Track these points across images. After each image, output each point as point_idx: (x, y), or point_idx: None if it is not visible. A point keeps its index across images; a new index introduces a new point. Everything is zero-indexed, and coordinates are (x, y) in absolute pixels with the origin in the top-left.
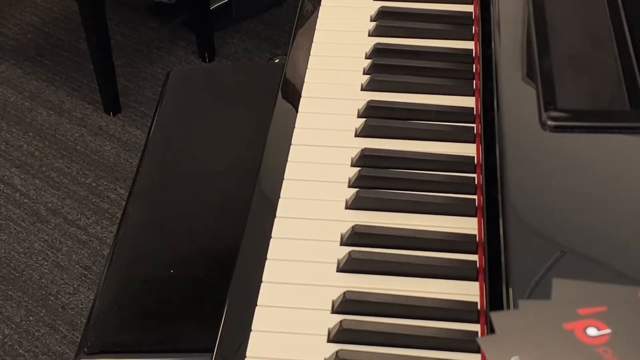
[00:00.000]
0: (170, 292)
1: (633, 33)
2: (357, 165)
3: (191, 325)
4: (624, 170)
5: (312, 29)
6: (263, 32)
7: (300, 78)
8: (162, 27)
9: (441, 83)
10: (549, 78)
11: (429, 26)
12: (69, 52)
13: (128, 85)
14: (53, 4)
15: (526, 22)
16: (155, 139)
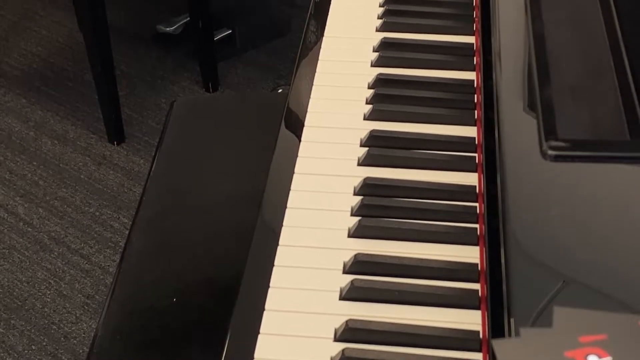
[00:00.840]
0: (173, 321)
1: (632, 64)
2: (360, 194)
3: (194, 354)
4: (624, 199)
5: (315, 60)
6: (267, 62)
7: (303, 107)
8: (166, 58)
9: (443, 113)
10: (549, 108)
11: (431, 57)
12: (74, 82)
13: (132, 114)
14: (58, 34)
15: (527, 52)
16: (159, 167)
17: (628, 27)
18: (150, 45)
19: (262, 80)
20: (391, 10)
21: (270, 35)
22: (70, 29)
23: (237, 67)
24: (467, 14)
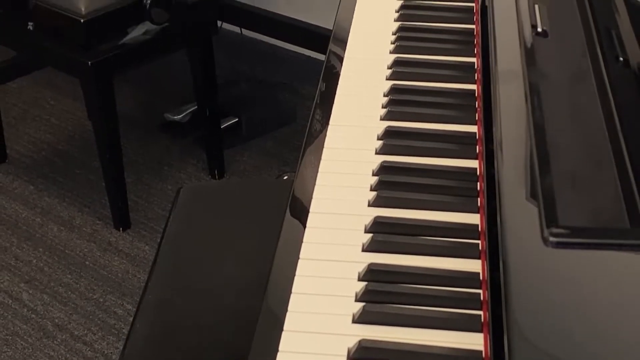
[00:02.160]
0: None
1: (631, 153)
2: (364, 279)
3: None
4: (624, 286)
5: (321, 147)
6: (272, 150)
7: (308, 194)
8: (173, 145)
9: (447, 200)
10: (550, 196)
11: (434, 145)
12: (82, 169)
13: (138, 201)
14: (67, 122)
15: (527, 142)
16: (164, 254)
17: (626, 117)
18: (158, 133)
19: (267, 168)
20: (395, 100)
21: (276, 123)
22: (79, 117)
23: (243, 154)
24: (469, 104)
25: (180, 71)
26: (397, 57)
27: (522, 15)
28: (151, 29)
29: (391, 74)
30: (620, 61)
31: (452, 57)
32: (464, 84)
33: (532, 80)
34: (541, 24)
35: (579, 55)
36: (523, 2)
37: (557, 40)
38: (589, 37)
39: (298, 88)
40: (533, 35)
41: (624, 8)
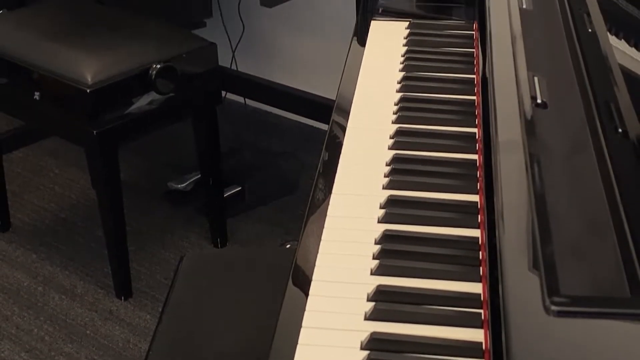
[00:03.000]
0: None
1: (630, 222)
2: (366, 348)
3: None
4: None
5: (324, 216)
6: (275, 218)
7: (311, 262)
8: (176, 214)
9: (449, 269)
10: (551, 265)
11: (437, 214)
12: (84, 237)
13: (140, 270)
14: (71, 191)
15: (528, 211)
16: (166, 323)
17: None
18: (161, 201)
19: (270, 236)
20: (397, 169)
21: (279, 192)
22: (83, 186)
23: (246, 223)
24: (471, 174)
25: (184, 140)
26: (399, 127)
27: (521, 86)
28: (156, 98)
29: (393, 144)
30: (619, 132)
31: (453, 127)
32: (465, 154)
33: (532, 150)
34: (541, 96)
35: (578, 127)
36: (522, 73)
37: (557, 112)
38: (588, 109)
39: (301, 157)
40: (533, 106)
41: (622, 81)
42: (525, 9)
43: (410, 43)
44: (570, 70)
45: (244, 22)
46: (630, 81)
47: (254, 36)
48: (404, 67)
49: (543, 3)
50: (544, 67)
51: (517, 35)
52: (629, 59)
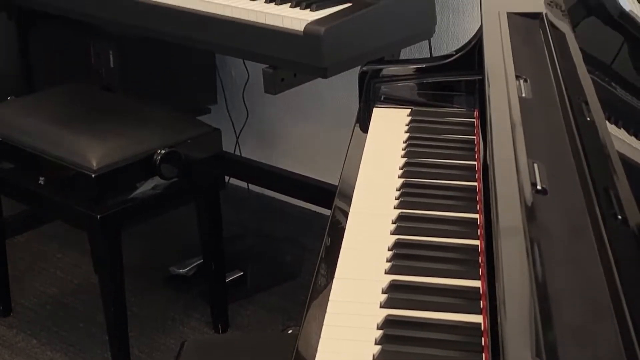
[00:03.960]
0: None
1: (631, 308)
2: None
3: None
4: None
5: (326, 301)
6: (277, 303)
7: (313, 348)
8: (178, 299)
9: (451, 355)
10: (553, 350)
11: (439, 299)
12: (85, 322)
13: (141, 356)
14: (73, 276)
15: (530, 297)
16: None
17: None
18: (163, 286)
19: (272, 322)
20: (399, 254)
21: (281, 277)
22: (85, 271)
23: (248, 308)
24: (472, 259)
25: (186, 224)
26: (401, 212)
27: (521, 173)
28: (160, 183)
29: (395, 229)
30: (619, 219)
31: (455, 213)
32: (467, 239)
33: (532, 236)
34: (541, 182)
35: (578, 213)
36: (522, 160)
37: (557, 198)
38: (587, 196)
39: (303, 243)
40: (533, 192)
41: (621, 169)
42: (524, 98)
43: (412, 130)
44: (570, 158)
45: (248, 108)
46: (629, 169)
47: (258, 122)
48: (406, 153)
49: (542, 92)
50: (543, 154)
51: (516, 123)
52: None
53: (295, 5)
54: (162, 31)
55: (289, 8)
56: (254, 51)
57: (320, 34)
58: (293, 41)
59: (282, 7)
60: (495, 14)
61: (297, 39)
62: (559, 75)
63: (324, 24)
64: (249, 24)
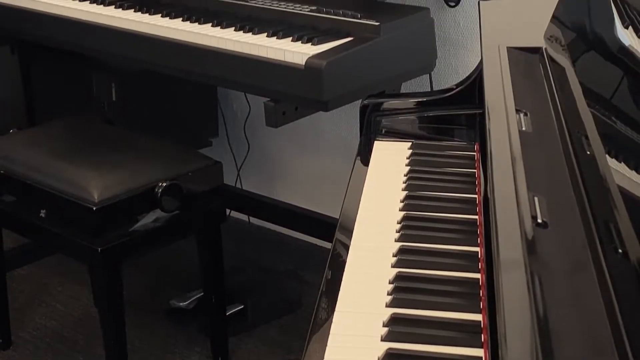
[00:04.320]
0: None
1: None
2: None
3: None
4: None
5: (327, 335)
6: (277, 337)
7: None
8: (178, 332)
9: None
10: None
11: (440, 333)
12: (85, 355)
13: None
14: (73, 308)
15: (531, 331)
16: None
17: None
18: (163, 319)
19: (272, 355)
20: (400, 287)
21: (281, 311)
22: (85, 304)
23: (248, 342)
24: (473, 293)
25: (187, 257)
26: (402, 245)
27: (522, 206)
28: (161, 216)
29: (396, 262)
30: (619, 253)
31: (456, 246)
32: (468, 272)
33: (533, 270)
34: (541, 216)
35: (578, 247)
36: (523, 194)
37: (557, 232)
38: (587, 229)
39: (304, 276)
40: (533, 226)
41: (621, 203)
42: (524, 131)
43: (413, 163)
44: (570, 191)
45: (249, 141)
46: (630, 203)
47: (259, 155)
48: (407, 186)
49: (542, 126)
50: (543, 187)
51: (517, 157)
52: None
53: (297, 40)
54: (165, 64)
55: (291, 42)
56: (255, 84)
57: (321, 67)
58: (294, 75)
59: (283, 41)
60: (495, 48)
61: (298, 73)
62: (559, 109)
63: (325, 57)
64: (251, 58)
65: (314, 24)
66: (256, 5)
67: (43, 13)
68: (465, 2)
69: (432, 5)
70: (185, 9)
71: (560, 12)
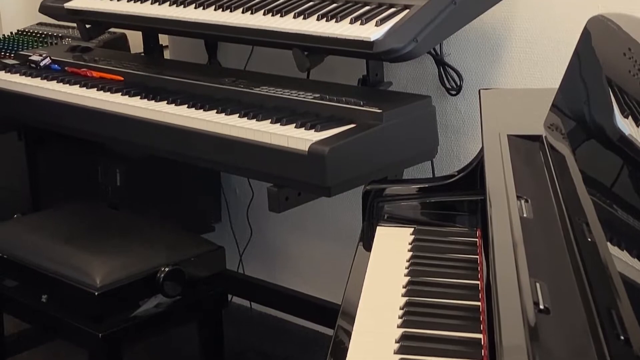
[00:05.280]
0: None
1: None
2: None
3: None
4: None
5: None
6: None
7: None
8: None
9: None
10: None
11: None
12: None
13: None
14: None
15: None
16: None
17: None
18: None
19: None
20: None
21: None
22: None
23: None
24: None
25: (188, 342)
26: (405, 331)
27: (524, 292)
28: (163, 301)
29: (399, 348)
30: (621, 340)
31: (458, 332)
32: (470, 359)
33: (535, 356)
34: (543, 302)
35: (580, 333)
36: (525, 280)
37: (559, 318)
38: (589, 316)
39: None
40: (535, 312)
41: (623, 289)
42: (525, 218)
43: (415, 249)
44: (571, 277)
45: (252, 226)
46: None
47: (262, 240)
48: (409, 272)
49: (543, 212)
50: (545, 273)
51: (518, 243)
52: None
53: (300, 126)
54: (170, 150)
55: (294, 128)
56: (259, 170)
57: (324, 153)
58: (298, 160)
59: (287, 127)
60: (496, 135)
61: (301, 159)
62: (560, 196)
63: (328, 144)
64: (254, 144)
65: (317, 111)
66: (260, 92)
67: (50, 100)
68: (466, 91)
69: (434, 93)
70: (191, 96)
71: (560, 101)
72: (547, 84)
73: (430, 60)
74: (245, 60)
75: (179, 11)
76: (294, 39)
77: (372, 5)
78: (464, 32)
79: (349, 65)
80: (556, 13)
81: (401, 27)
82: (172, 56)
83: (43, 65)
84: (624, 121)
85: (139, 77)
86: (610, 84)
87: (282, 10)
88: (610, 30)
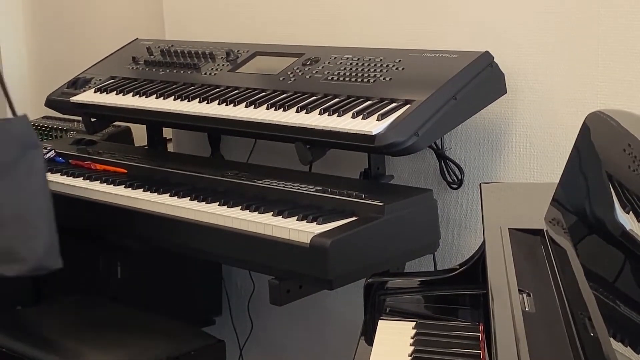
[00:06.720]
0: None
1: None
2: None
3: None
4: None
5: None
6: None
7: None
8: None
9: None
10: None
11: None
12: None
13: None
14: None
15: None
16: None
17: None
18: None
19: None
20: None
21: None
22: None
23: None
24: None
25: None
26: None
27: None
28: None
29: None
30: None
31: None
32: None
33: None
34: None
35: None
36: None
37: None
38: None
39: None
40: None
41: None
42: (527, 312)
43: (417, 343)
44: None
45: (252, 319)
46: None
47: (262, 333)
48: None
49: (545, 306)
50: None
51: (520, 337)
52: None
53: (302, 219)
54: (171, 242)
55: (296, 221)
56: (260, 263)
57: (326, 246)
58: (299, 253)
59: (289, 220)
60: (497, 229)
61: (303, 251)
62: (562, 290)
63: (330, 236)
64: (256, 236)
65: (319, 204)
66: (262, 185)
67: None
68: (467, 185)
69: (435, 187)
70: (193, 188)
71: (560, 195)
72: (547, 178)
73: (432, 154)
74: (247, 153)
75: (184, 105)
76: (297, 133)
77: (374, 100)
78: (464, 127)
79: (351, 158)
80: (555, 108)
81: (402, 122)
82: (175, 149)
83: (47, 158)
84: (625, 216)
85: (143, 169)
86: (610, 179)
87: (285, 105)
88: (609, 125)
